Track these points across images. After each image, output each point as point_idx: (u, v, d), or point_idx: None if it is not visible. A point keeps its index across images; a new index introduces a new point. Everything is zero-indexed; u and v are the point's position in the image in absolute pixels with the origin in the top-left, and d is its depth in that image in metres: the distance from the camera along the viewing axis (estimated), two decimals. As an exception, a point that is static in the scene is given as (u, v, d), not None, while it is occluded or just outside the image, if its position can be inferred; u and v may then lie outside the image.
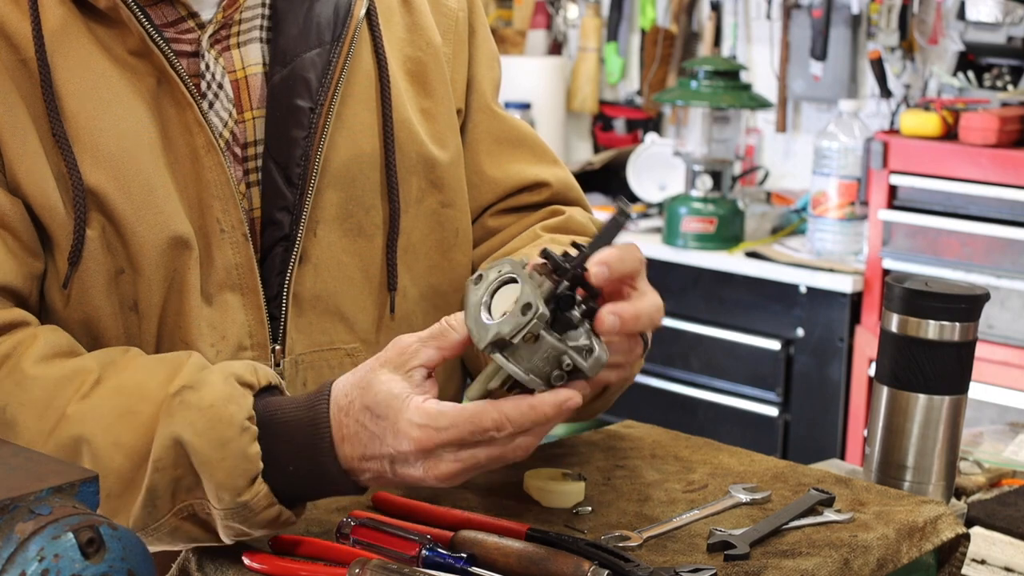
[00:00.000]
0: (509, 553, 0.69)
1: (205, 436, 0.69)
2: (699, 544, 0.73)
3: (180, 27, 0.81)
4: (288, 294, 0.81)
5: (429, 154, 0.87)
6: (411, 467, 0.68)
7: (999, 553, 0.87)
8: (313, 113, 0.81)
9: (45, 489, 0.53)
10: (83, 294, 0.77)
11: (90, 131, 0.77)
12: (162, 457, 0.70)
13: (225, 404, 0.69)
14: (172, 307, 0.78)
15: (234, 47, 0.82)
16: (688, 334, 2.44)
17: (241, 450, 0.69)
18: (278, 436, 0.70)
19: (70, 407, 0.72)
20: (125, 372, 0.73)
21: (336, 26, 0.84)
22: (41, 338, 0.74)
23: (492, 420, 0.66)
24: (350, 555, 0.69)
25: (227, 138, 0.81)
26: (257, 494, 0.69)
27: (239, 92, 0.82)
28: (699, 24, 2.91)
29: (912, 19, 2.49)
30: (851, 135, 2.33)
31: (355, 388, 0.69)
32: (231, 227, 0.79)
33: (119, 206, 0.76)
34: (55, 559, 0.51)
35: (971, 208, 2.16)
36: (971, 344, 0.89)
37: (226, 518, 0.70)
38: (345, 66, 0.83)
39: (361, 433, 0.69)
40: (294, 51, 0.82)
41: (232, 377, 0.71)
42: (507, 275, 0.67)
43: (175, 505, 0.71)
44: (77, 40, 0.77)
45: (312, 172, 0.81)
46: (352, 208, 0.84)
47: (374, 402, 0.68)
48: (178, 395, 0.70)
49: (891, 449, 0.90)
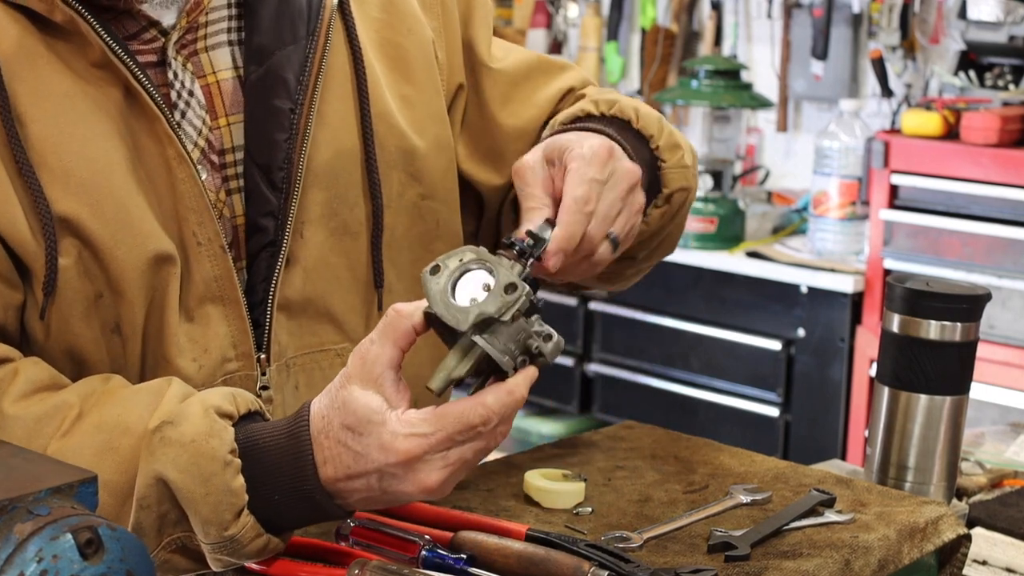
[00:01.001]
0: (509, 554, 0.69)
1: (188, 473, 0.68)
2: (700, 545, 0.73)
3: (143, 38, 0.79)
4: (273, 301, 0.80)
5: (408, 145, 0.86)
6: (399, 481, 0.67)
7: (1000, 554, 0.87)
8: (294, 114, 0.80)
9: (44, 490, 0.53)
10: (62, 323, 0.75)
11: (58, 156, 0.74)
12: (146, 495, 0.69)
13: (206, 439, 0.69)
14: (153, 325, 0.77)
15: (202, 51, 0.80)
16: (689, 334, 2.44)
17: (225, 484, 0.68)
18: (262, 465, 0.69)
19: (51, 446, 0.71)
20: (105, 407, 0.72)
21: (310, 19, 0.81)
22: (22, 375, 0.73)
23: (479, 416, 0.66)
24: (349, 556, 0.69)
25: (202, 147, 0.80)
26: (244, 527, 0.68)
27: (211, 98, 0.80)
28: (700, 23, 2.91)
29: (913, 18, 2.48)
30: (852, 135, 2.33)
31: (330, 409, 0.68)
32: (207, 240, 0.77)
33: (95, 231, 0.75)
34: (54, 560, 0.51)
35: (972, 208, 2.15)
36: (972, 344, 0.89)
37: (214, 551, 0.69)
38: (323, 61, 0.81)
39: (343, 454, 0.68)
40: (268, 48, 0.80)
41: (212, 410, 0.70)
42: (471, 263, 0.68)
43: (162, 540, 0.70)
44: (36, 60, 0.75)
45: (296, 174, 0.80)
46: (336, 206, 0.83)
47: (354, 421, 0.67)
48: (158, 431, 0.69)
49: (892, 450, 0.90)
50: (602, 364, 2.57)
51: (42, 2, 0.74)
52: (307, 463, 0.68)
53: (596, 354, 2.57)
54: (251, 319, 0.80)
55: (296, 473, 0.69)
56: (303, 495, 0.69)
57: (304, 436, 0.69)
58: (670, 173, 0.87)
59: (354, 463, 0.68)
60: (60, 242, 0.74)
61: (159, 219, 0.77)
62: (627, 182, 0.79)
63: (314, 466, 0.68)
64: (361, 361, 0.68)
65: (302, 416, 0.70)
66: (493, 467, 0.86)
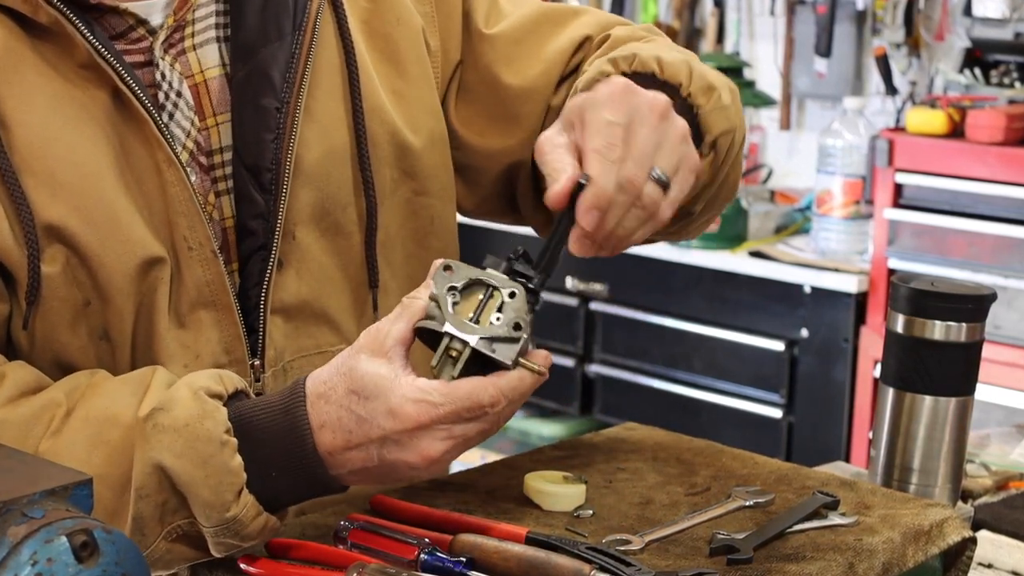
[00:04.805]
0: (509, 557, 0.68)
1: (185, 457, 0.68)
2: (701, 548, 0.72)
3: (130, 37, 0.77)
4: (266, 305, 0.79)
5: (402, 142, 0.84)
6: (402, 449, 0.66)
7: (1006, 557, 0.87)
8: (280, 113, 0.78)
9: (38, 492, 0.52)
10: (48, 331, 0.74)
11: (44, 161, 0.73)
12: (145, 484, 0.68)
13: (200, 421, 0.68)
14: (142, 331, 0.76)
15: (190, 50, 0.79)
16: (691, 335, 2.43)
17: (224, 464, 0.68)
18: (256, 441, 0.69)
19: (42, 444, 0.70)
20: (91, 400, 0.71)
21: (296, 13, 0.80)
22: (8, 378, 0.72)
23: (490, 396, 0.66)
24: (348, 559, 0.69)
25: (191, 148, 0.78)
26: (245, 506, 0.68)
27: (199, 98, 0.79)
28: (702, 20, 2.90)
29: (918, 15, 2.47)
30: (856, 133, 2.32)
31: (335, 375, 0.68)
32: (198, 244, 0.76)
33: (83, 237, 0.73)
34: (48, 563, 0.50)
35: (978, 207, 2.14)
36: (978, 345, 0.89)
37: (217, 535, 0.69)
38: (309, 57, 0.80)
39: (346, 419, 0.67)
40: (254, 45, 0.79)
41: (201, 391, 0.69)
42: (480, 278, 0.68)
43: (164, 528, 0.69)
44: (22, 63, 0.74)
45: (284, 175, 0.78)
46: (329, 206, 0.81)
47: (360, 385, 0.67)
48: (150, 419, 0.69)
49: (896, 451, 0.90)
50: (603, 365, 2.56)
51: (26, 3, 0.73)
52: (303, 433, 0.68)
53: (597, 355, 2.56)
54: (245, 324, 0.79)
55: (291, 445, 0.68)
56: (299, 466, 0.68)
57: (300, 407, 0.68)
58: (709, 117, 0.79)
59: (357, 428, 0.67)
60: (46, 249, 0.73)
61: (149, 223, 0.76)
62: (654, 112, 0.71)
63: (311, 435, 0.68)
64: (373, 335, 0.68)
65: (297, 388, 0.69)
66: (493, 469, 0.86)
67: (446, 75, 0.89)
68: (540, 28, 0.89)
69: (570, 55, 0.88)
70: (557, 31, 0.89)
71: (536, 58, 0.88)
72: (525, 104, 0.87)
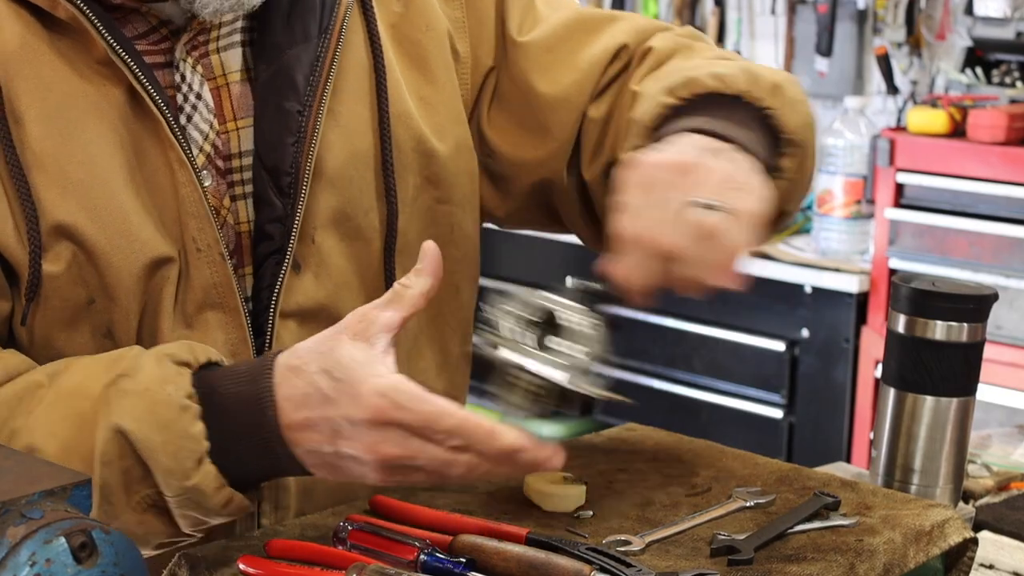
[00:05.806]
0: (509, 557, 0.68)
1: (145, 421, 0.67)
2: (702, 548, 0.72)
3: (152, 37, 0.77)
4: (275, 309, 0.78)
5: (428, 148, 0.84)
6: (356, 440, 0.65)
7: (1007, 558, 0.86)
8: (302, 116, 0.78)
9: (36, 493, 0.52)
10: (46, 329, 0.74)
11: (56, 158, 0.73)
12: (107, 451, 0.67)
13: (161, 385, 0.67)
14: (147, 330, 0.76)
15: (213, 53, 0.78)
16: (691, 335, 2.43)
17: (183, 430, 0.67)
18: (221, 410, 0.67)
19: (18, 421, 0.70)
20: (66, 375, 0.71)
21: (323, 16, 0.79)
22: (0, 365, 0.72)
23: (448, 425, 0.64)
24: (347, 560, 0.69)
25: (208, 151, 0.78)
26: (206, 475, 0.67)
27: (220, 101, 0.78)
28: (702, 20, 2.90)
29: (919, 14, 2.47)
30: (857, 132, 2.32)
31: (312, 353, 0.67)
32: (207, 246, 0.76)
33: (91, 235, 0.73)
34: (47, 564, 0.50)
35: (979, 207, 2.14)
36: (979, 345, 0.88)
37: (180, 506, 0.68)
38: (335, 61, 0.79)
39: (312, 395, 0.66)
40: (279, 47, 0.78)
41: (167, 358, 0.69)
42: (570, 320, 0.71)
43: (131, 498, 0.68)
44: (39, 58, 0.74)
45: (303, 179, 0.78)
46: (350, 211, 0.81)
47: (335, 364, 0.66)
48: (114, 384, 0.68)
49: (898, 452, 0.89)
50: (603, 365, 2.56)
51: None
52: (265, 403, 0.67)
53: (598, 354, 2.56)
54: (254, 327, 0.78)
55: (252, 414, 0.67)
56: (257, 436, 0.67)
57: (267, 377, 0.67)
58: (784, 116, 0.77)
59: (318, 407, 0.65)
60: (52, 248, 0.73)
61: (159, 224, 0.75)
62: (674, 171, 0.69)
63: (273, 405, 0.67)
64: (359, 319, 0.67)
65: (267, 358, 0.68)
66: (493, 469, 0.85)
67: (476, 82, 0.88)
68: (573, 36, 0.87)
69: (606, 65, 0.87)
70: (591, 39, 0.87)
71: (569, 67, 0.87)
72: (556, 113, 0.86)
